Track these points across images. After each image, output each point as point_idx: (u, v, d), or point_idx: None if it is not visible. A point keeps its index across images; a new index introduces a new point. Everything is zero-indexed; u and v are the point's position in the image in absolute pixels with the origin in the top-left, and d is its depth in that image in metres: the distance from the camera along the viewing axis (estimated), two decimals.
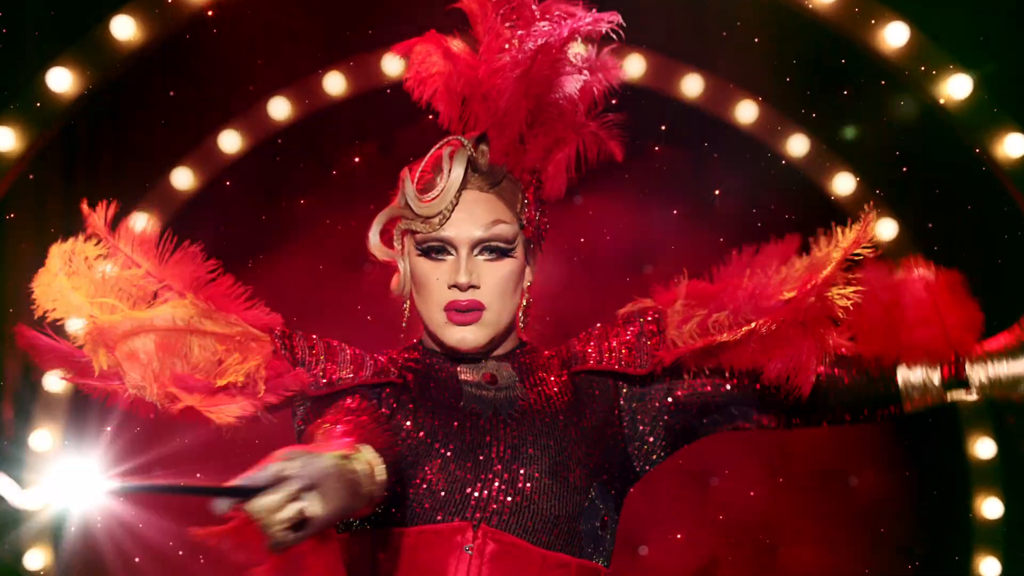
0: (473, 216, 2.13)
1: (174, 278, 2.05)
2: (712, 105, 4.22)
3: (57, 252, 2.04)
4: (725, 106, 4.22)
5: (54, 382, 3.98)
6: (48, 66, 3.89)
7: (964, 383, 2.10)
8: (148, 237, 2.07)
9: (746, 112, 4.20)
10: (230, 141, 4.11)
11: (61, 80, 3.91)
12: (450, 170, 2.12)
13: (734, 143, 4.23)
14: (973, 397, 2.11)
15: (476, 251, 2.13)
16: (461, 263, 2.12)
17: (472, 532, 2.03)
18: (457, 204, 2.12)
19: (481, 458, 2.06)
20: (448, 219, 2.12)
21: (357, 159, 4.19)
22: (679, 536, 4.25)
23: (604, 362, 2.18)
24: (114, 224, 2.06)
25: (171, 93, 4.02)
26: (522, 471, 2.06)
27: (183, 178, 4.10)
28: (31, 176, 3.96)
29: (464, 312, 2.12)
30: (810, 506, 4.29)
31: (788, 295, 2.03)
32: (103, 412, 3.96)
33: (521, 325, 2.22)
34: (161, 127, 4.05)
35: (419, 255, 2.15)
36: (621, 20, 2.13)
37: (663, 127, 4.23)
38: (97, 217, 2.05)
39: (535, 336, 2.28)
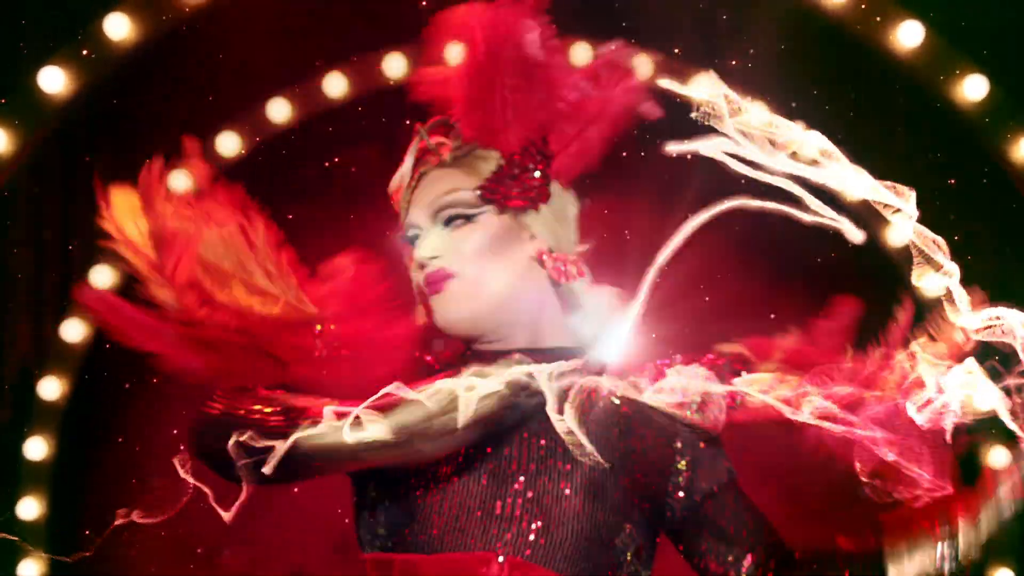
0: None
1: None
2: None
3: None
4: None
5: (50, 387, 3.91)
6: (41, 65, 3.83)
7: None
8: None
9: (755, 114, 4.13)
10: (228, 143, 4.03)
11: (54, 80, 3.84)
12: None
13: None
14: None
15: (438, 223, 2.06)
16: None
17: (497, 564, 1.87)
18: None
19: (507, 475, 1.91)
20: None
21: (354, 166, 4.13)
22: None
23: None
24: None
25: (167, 94, 3.96)
26: (550, 487, 1.91)
27: (180, 181, 4.02)
28: (23, 178, 3.90)
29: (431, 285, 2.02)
30: (819, 514, 4.22)
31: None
32: (101, 420, 3.92)
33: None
34: (156, 129, 3.99)
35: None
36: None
37: (669, 125, 4.16)
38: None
39: None
